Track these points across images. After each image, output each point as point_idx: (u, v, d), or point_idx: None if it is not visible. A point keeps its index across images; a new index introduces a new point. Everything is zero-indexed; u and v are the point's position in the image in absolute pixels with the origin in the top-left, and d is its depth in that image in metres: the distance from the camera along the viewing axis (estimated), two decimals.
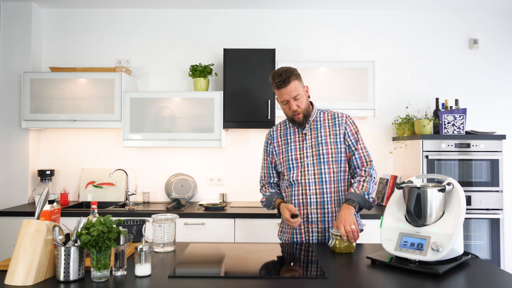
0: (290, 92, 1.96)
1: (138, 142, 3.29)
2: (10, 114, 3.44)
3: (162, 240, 1.79)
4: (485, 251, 3.04)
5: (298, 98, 1.98)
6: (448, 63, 3.63)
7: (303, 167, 2.02)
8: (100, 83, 3.29)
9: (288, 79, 1.94)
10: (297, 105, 1.99)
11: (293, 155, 2.05)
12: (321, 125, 2.06)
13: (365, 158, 2.03)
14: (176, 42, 3.66)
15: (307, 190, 2.00)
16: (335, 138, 2.02)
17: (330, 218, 2.00)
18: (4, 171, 3.43)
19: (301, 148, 2.05)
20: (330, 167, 2.00)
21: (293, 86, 1.96)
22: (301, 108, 2.00)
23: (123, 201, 3.48)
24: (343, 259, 1.71)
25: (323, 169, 2.00)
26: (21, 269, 1.34)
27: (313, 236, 2.01)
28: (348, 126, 2.05)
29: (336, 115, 2.09)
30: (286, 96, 1.98)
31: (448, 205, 1.59)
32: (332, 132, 2.03)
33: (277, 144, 2.13)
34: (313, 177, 2.00)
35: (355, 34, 3.64)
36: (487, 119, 3.57)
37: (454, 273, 1.48)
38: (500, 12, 3.62)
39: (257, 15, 3.66)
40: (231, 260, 1.75)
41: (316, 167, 2.00)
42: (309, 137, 2.05)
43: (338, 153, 2.01)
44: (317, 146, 2.02)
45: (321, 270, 1.53)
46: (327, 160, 2.00)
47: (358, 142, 2.04)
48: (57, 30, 3.67)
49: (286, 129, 2.14)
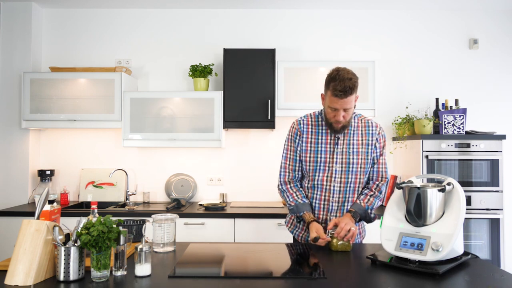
0: (344, 104, 1.85)
1: (138, 142, 3.29)
2: (10, 114, 3.44)
3: (162, 240, 1.79)
4: (485, 251, 3.04)
5: (347, 110, 1.89)
6: (448, 63, 3.63)
7: (331, 173, 1.97)
8: (100, 83, 3.29)
9: (350, 92, 1.82)
10: (343, 116, 1.89)
11: (322, 158, 1.97)
12: (355, 132, 1.99)
13: (382, 173, 2.02)
14: (176, 42, 3.66)
15: (330, 197, 1.98)
16: (366, 148, 1.98)
17: None
18: (4, 171, 3.43)
19: (332, 152, 1.97)
20: (358, 177, 1.98)
21: (350, 99, 1.85)
22: (346, 120, 1.92)
23: (123, 201, 3.48)
24: (343, 259, 1.71)
25: (350, 178, 1.97)
26: (21, 269, 1.34)
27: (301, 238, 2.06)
28: (380, 138, 2.01)
29: (370, 123, 2.03)
30: (338, 106, 1.86)
31: (448, 205, 1.59)
32: (365, 141, 1.99)
33: (306, 139, 2.01)
34: (338, 185, 1.97)
35: (355, 34, 3.64)
36: (487, 119, 3.57)
37: (454, 273, 1.48)
38: (500, 12, 3.62)
39: (257, 15, 3.66)
40: (231, 260, 1.75)
41: (344, 175, 1.96)
42: (341, 142, 1.98)
43: (367, 164, 1.99)
44: (347, 154, 1.96)
45: (321, 270, 1.53)
46: (356, 170, 1.97)
47: (381, 156, 2.02)
48: (57, 30, 3.67)
49: (317, 126, 2.02)
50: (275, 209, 3.14)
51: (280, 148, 3.60)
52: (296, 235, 2.13)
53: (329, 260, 1.68)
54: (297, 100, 3.26)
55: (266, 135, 3.60)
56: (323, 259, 1.69)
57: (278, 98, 3.27)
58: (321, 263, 1.63)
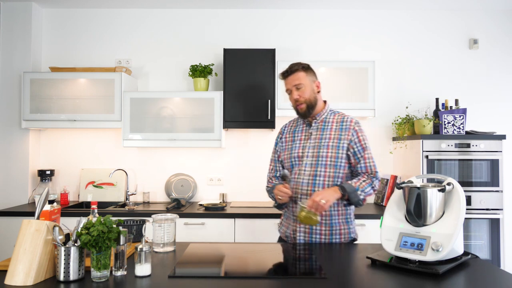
0: (292, 81, 2.02)
1: (138, 142, 3.30)
2: (10, 114, 3.44)
3: (162, 240, 1.79)
4: (485, 251, 3.04)
5: (300, 87, 2.01)
6: (448, 63, 3.63)
7: (302, 166, 2.01)
8: (100, 83, 3.29)
9: (292, 69, 2.02)
10: (298, 94, 2.01)
11: (295, 153, 2.05)
12: (328, 127, 2.03)
13: (370, 168, 2.00)
14: (176, 42, 3.66)
15: (299, 190, 2.00)
16: (338, 142, 1.99)
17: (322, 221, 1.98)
18: (4, 171, 3.43)
19: (304, 146, 2.04)
20: (327, 170, 1.97)
21: (296, 76, 2.01)
22: (303, 98, 2.00)
23: (123, 201, 3.48)
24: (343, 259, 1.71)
25: (319, 171, 1.98)
26: (21, 269, 1.34)
27: (300, 235, 2.00)
28: (356, 133, 2.00)
29: (345, 118, 2.05)
30: (288, 85, 2.04)
31: (448, 205, 1.59)
32: (337, 135, 2.00)
33: (285, 139, 2.13)
34: (307, 178, 1.99)
35: (355, 34, 3.64)
36: (487, 119, 3.57)
37: (454, 273, 1.48)
38: (500, 12, 3.62)
39: (257, 15, 3.66)
40: (231, 260, 1.75)
41: (313, 168, 1.98)
42: (313, 137, 2.03)
43: (337, 158, 1.98)
44: (318, 147, 2.00)
45: (321, 270, 1.53)
46: (324, 163, 1.97)
47: (365, 151, 2.00)
48: (57, 30, 3.67)
49: (296, 126, 2.13)
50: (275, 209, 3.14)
51: None
52: (280, 232, 2.14)
53: (329, 260, 1.68)
54: None
55: (266, 135, 3.60)
56: (323, 259, 1.69)
57: (278, 98, 3.27)
58: (321, 263, 1.63)
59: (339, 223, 2.00)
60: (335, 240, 1.98)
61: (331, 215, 1.98)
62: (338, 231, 1.99)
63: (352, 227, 2.04)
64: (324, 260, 1.67)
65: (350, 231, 2.02)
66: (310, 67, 2.09)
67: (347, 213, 2.02)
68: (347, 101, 3.26)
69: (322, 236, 1.97)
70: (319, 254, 1.76)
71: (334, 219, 1.99)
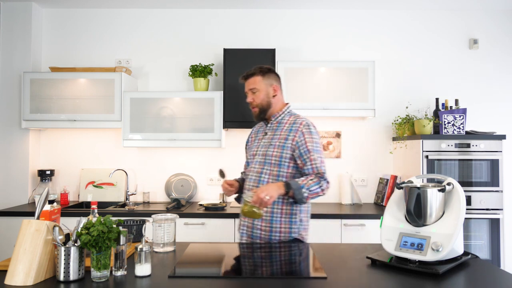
0: (248, 85, 2.12)
1: (138, 142, 3.30)
2: (10, 114, 3.44)
3: (162, 240, 1.79)
4: (485, 251, 3.04)
5: (254, 92, 2.09)
6: (448, 63, 3.63)
7: (253, 164, 2.11)
8: (100, 83, 3.29)
9: (249, 73, 2.12)
10: (252, 98, 2.10)
11: (252, 151, 2.15)
12: (280, 127, 2.09)
13: (317, 169, 1.97)
14: (176, 42, 3.66)
15: (247, 186, 2.08)
16: (284, 142, 2.03)
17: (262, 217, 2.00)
18: (4, 171, 3.43)
19: (258, 145, 2.13)
20: (271, 168, 2.02)
21: (252, 80, 2.10)
22: (255, 102, 2.09)
23: (123, 201, 3.48)
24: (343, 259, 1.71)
25: (264, 169, 2.04)
26: (21, 269, 1.34)
27: (243, 230, 2.08)
28: (303, 135, 2.00)
29: (297, 120, 2.07)
30: (246, 88, 2.13)
31: (448, 205, 1.59)
32: (285, 136, 2.05)
33: (251, 138, 2.25)
34: (254, 175, 2.06)
35: (355, 34, 3.64)
36: (487, 119, 3.57)
37: (454, 273, 1.48)
38: (500, 12, 3.62)
39: (257, 15, 3.66)
40: (231, 260, 1.75)
41: (261, 166, 2.05)
42: (267, 136, 2.11)
43: (281, 157, 2.02)
44: (267, 146, 2.07)
45: (321, 270, 1.53)
46: (270, 162, 2.03)
47: (310, 152, 1.98)
48: (57, 30, 3.67)
49: (261, 126, 2.22)
50: None
51: None
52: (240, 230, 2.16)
53: (329, 260, 1.68)
54: (297, 100, 3.26)
55: None
56: (323, 259, 1.69)
57: None
58: (321, 263, 1.63)
59: (280, 221, 2.00)
60: (274, 237, 2.00)
61: (272, 212, 2.00)
62: (278, 229, 2.00)
63: (295, 227, 2.01)
64: (324, 260, 1.67)
65: (291, 230, 2.00)
66: (271, 70, 2.15)
67: (291, 213, 2.01)
68: (347, 101, 3.26)
69: (262, 232, 2.01)
70: (319, 254, 1.76)
71: (275, 217, 2.00)
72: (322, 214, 2.98)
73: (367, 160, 3.60)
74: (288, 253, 1.84)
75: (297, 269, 1.62)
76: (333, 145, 3.61)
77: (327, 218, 2.97)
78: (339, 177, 3.52)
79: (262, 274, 1.53)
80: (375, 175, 3.59)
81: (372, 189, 3.58)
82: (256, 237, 2.02)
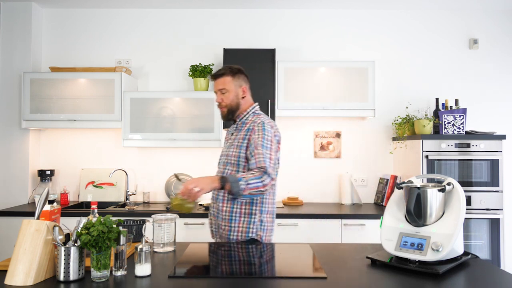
0: (217, 85, 2.10)
1: (138, 142, 3.30)
2: (10, 114, 3.44)
3: (162, 240, 1.79)
4: (485, 251, 3.04)
5: (224, 92, 2.09)
6: (448, 63, 3.63)
7: (219, 164, 2.15)
8: (100, 83, 3.29)
9: (219, 73, 2.10)
10: (221, 98, 2.10)
11: (220, 152, 2.19)
12: (243, 128, 2.11)
13: (260, 163, 1.90)
14: (176, 42, 3.66)
15: None
16: (241, 142, 2.05)
17: (222, 216, 2.04)
18: (4, 171, 3.43)
19: (225, 146, 2.17)
20: (232, 169, 2.05)
21: (222, 80, 2.09)
22: (224, 103, 2.09)
23: (123, 201, 3.48)
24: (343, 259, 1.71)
25: (225, 169, 2.07)
26: (21, 269, 1.34)
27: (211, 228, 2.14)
28: (255, 132, 2.00)
29: (256, 120, 2.06)
30: (215, 88, 2.12)
31: (448, 205, 1.59)
32: (243, 135, 2.06)
33: (225, 139, 2.24)
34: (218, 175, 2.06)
35: (355, 34, 3.64)
36: (487, 119, 3.57)
37: (454, 273, 1.48)
38: (500, 12, 3.62)
39: (257, 15, 3.66)
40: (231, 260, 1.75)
41: (223, 166, 2.09)
42: (232, 137, 2.14)
43: (239, 157, 2.03)
44: (230, 147, 2.09)
45: (321, 270, 1.53)
46: (231, 162, 2.05)
47: (257, 147, 1.95)
48: (57, 30, 3.67)
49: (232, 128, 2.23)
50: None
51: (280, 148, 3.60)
52: None
53: (329, 260, 1.68)
54: (297, 100, 3.26)
55: None
56: (323, 259, 1.69)
57: (278, 98, 3.26)
58: (321, 263, 1.63)
59: (239, 220, 2.02)
60: (232, 236, 2.01)
61: (231, 212, 2.03)
62: (237, 228, 2.02)
63: (253, 227, 2.02)
64: (324, 260, 1.67)
65: (249, 230, 2.02)
66: (241, 70, 2.13)
67: (250, 213, 2.03)
68: (347, 101, 3.26)
69: (222, 231, 2.04)
70: (319, 254, 1.76)
71: (235, 216, 2.02)
72: (322, 214, 2.99)
73: (367, 160, 3.60)
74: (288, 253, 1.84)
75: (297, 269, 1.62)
76: (333, 145, 3.61)
77: (327, 218, 2.97)
78: (339, 177, 3.52)
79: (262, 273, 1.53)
80: (375, 175, 3.59)
81: (372, 189, 3.58)
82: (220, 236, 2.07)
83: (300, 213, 3.01)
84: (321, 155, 3.61)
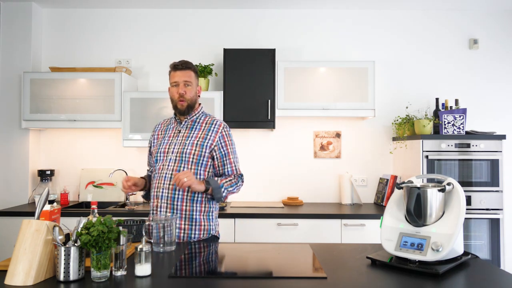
0: (183, 76, 2.08)
1: (138, 142, 3.29)
2: (10, 114, 3.44)
3: (162, 240, 1.79)
4: (485, 251, 3.04)
5: (188, 85, 2.10)
6: (448, 63, 3.63)
7: (166, 161, 2.08)
8: (100, 83, 3.29)
9: (187, 65, 2.10)
10: (185, 91, 2.08)
11: (162, 148, 2.12)
12: (197, 127, 2.13)
13: (236, 170, 2.14)
14: (176, 42, 3.66)
15: (161, 184, 2.06)
16: (203, 141, 2.07)
17: (178, 215, 2.02)
18: (4, 171, 3.43)
19: (171, 143, 2.11)
20: (189, 167, 2.04)
21: (189, 73, 2.09)
22: (188, 96, 2.09)
23: (123, 201, 3.48)
24: (343, 259, 1.71)
25: (181, 167, 2.04)
26: (21, 269, 1.34)
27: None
28: (223, 137, 2.13)
29: (214, 121, 2.15)
30: (177, 78, 2.08)
31: (448, 205, 1.59)
32: (203, 135, 2.09)
33: (157, 136, 2.22)
34: (170, 173, 2.05)
35: (355, 34, 3.64)
36: (487, 119, 3.58)
37: (454, 273, 1.48)
38: (500, 12, 3.63)
39: (257, 15, 3.66)
40: (231, 260, 1.75)
41: (177, 164, 2.05)
42: (181, 134, 2.12)
43: (200, 156, 2.06)
44: (184, 144, 2.07)
45: (321, 270, 1.53)
46: (188, 160, 2.05)
47: (230, 155, 2.13)
48: (57, 30, 3.67)
49: (169, 124, 2.22)
50: (275, 209, 3.15)
51: (280, 148, 3.60)
52: None
53: (329, 260, 1.68)
54: (297, 100, 3.26)
55: (266, 135, 3.60)
56: (323, 259, 1.69)
57: (278, 98, 3.27)
58: (321, 263, 1.63)
59: (200, 219, 2.06)
60: (194, 235, 2.03)
61: (192, 210, 2.04)
62: (199, 226, 2.05)
63: (213, 224, 2.11)
64: (324, 260, 1.67)
65: (210, 228, 2.09)
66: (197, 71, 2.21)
67: (209, 211, 2.09)
68: (347, 101, 3.26)
69: (181, 230, 2.02)
70: (319, 254, 1.76)
71: (196, 215, 2.05)
72: (322, 214, 2.99)
73: (367, 160, 3.60)
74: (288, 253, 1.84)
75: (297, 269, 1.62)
76: (333, 145, 3.61)
77: (327, 218, 2.97)
78: (339, 177, 3.52)
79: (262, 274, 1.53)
80: (375, 175, 3.59)
81: (372, 189, 3.58)
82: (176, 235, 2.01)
83: (300, 213, 3.01)
84: (321, 155, 3.61)
